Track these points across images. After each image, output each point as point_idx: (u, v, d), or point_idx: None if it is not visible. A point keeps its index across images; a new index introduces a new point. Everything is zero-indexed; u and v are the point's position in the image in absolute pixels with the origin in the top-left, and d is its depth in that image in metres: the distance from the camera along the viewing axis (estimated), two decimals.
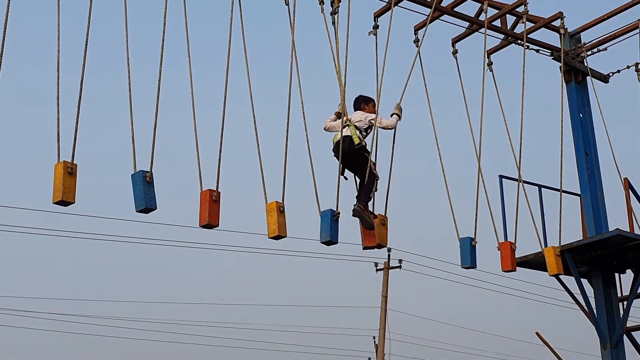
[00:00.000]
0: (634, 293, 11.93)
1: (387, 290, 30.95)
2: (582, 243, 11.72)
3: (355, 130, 9.73)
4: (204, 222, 7.82)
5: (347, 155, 9.63)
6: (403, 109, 10.15)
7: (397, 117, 10.10)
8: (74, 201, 6.82)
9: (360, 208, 9.38)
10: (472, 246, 10.03)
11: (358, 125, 9.84)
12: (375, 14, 11.27)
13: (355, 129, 9.76)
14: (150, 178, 7.29)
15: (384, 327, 30.27)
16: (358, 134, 9.72)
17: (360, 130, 9.84)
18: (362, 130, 9.87)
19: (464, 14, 12.18)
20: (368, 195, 9.60)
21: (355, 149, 9.64)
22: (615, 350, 11.67)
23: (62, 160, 6.81)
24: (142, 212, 7.33)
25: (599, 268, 12.14)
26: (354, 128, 9.76)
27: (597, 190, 12.63)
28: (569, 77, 13.04)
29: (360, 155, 9.66)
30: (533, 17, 12.80)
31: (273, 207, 8.28)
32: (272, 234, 8.27)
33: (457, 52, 12.22)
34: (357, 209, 9.35)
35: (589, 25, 13.28)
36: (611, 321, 11.86)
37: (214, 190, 7.83)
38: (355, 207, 9.37)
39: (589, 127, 12.96)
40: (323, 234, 8.76)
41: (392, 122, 10.04)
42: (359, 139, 9.69)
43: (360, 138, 9.72)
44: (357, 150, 9.65)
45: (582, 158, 12.73)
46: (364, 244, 9.55)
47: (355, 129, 9.76)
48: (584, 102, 13.11)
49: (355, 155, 9.67)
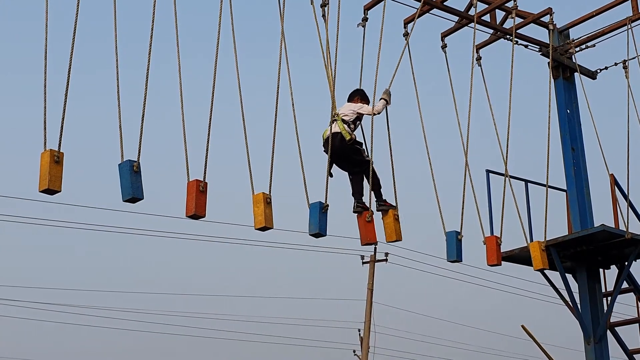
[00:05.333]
0: (618, 289, 12.00)
1: (372, 283, 31.02)
2: (567, 238, 11.77)
3: (343, 125, 9.63)
4: (191, 213, 7.75)
5: (340, 153, 9.60)
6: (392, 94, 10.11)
7: (384, 102, 10.02)
8: (61, 190, 6.77)
9: (361, 207, 9.52)
10: (458, 240, 10.04)
11: (345, 119, 9.74)
12: (366, 6, 11.24)
13: (342, 123, 9.67)
14: (137, 168, 7.27)
15: (369, 320, 30.34)
16: (347, 129, 9.64)
17: (349, 123, 9.75)
18: (350, 123, 9.79)
19: (453, 8, 12.19)
20: (378, 184, 9.70)
21: (347, 145, 9.61)
22: (599, 345, 11.74)
23: (49, 149, 6.78)
24: (129, 202, 7.29)
25: (584, 263, 12.20)
26: (341, 123, 9.66)
27: (583, 186, 12.68)
28: (557, 73, 13.07)
29: (354, 150, 9.65)
30: (522, 13, 12.83)
31: (260, 198, 8.21)
32: (259, 225, 8.21)
33: (446, 47, 12.21)
34: (358, 209, 9.56)
35: (578, 21, 13.32)
36: (595, 316, 11.93)
37: (201, 181, 7.78)
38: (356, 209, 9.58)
39: (576, 123, 13.01)
40: (312, 226, 8.73)
41: (378, 107, 9.91)
42: (349, 134, 9.62)
43: (350, 132, 9.65)
44: (348, 146, 9.61)
45: (569, 154, 12.77)
46: (363, 240, 9.45)
47: (343, 124, 9.67)
48: (572, 98, 13.15)
49: (349, 152, 9.64)
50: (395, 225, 9.57)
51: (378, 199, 9.74)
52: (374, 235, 9.39)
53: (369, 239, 9.40)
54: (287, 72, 8.89)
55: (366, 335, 30.29)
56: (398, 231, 9.58)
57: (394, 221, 9.57)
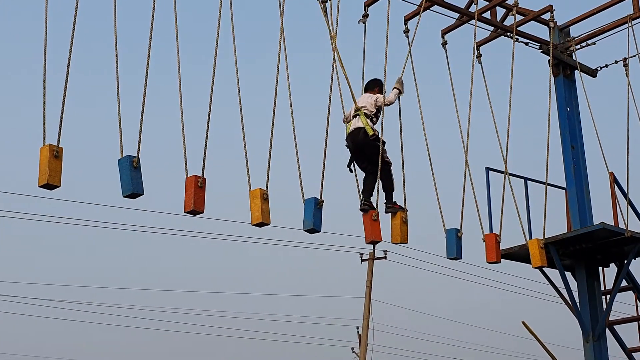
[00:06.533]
0: (617, 287, 11.99)
1: (371, 280, 31.01)
2: (566, 236, 11.76)
3: (366, 120, 9.67)
4: (189, 208, 7.73)
5: (361, 148, 9.65)
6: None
7: (397, 91, 10.05)
8: (60, 184, 6.75)
9: (368, 206, 9.42)
10: (458, 237, 10.03)
11: (367, 113, 9.77)
12: (366, 3, 11.23)
13: (365, 117, 9.69)
14: (137, 163, 7.24)
15: (367, 317, 30.34)
16: (370, 124, 9.68)
17: (371, 117, 9.78)
18: (372, 116, 9.82)
19: (454, 5, 12.17)
20: (391, 188, 9.70)
21: (369, 141, 9.61)
22: (598, 344, 11.73)
23: (48, 144, 6.76)
24: (129, 198, 7.27)
25: (583, 261, 12.19)
26: (364, 117, 9.69)
27: (583, 183, 12.67)
28: (557, 71, 13.05)
29: (373, 145, 9.59)
30: (523, 10, 12.81)
31: (257, 194, 8.16)
32: (256, 221, 8.16)
33: (446, 43, 12.19)
34: (364, 208, 9.46)
35: (579, 19, 13.30)
36: (594, 314, 11.92)
37: (200, 177, 7.76)
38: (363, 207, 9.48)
39: (576, 121, 13.00)
40: (306, 221, 8.69)
41: (391, 97, 9.94)
42: (372, 130, 9.65)
43: (373, 128, 9.68)
44: (371, 142, 9.61)
45: (569, 151, 12.76)
46: (367, 238, 9.34)
47: (366, 118, 9.70)
48: (572, 95, 13.14)
49: (368, 147, 9.64)
50: (402, 227, 9.58)
51: (388, 201, 9.76)
52: (379, 233, 9.29)
53: (374, 237, 9.30)
54: (285, 69, 8.88)
55: (364, 333, 30.29)
56: (404, 234, 9.60)
57: (401, 223, 9.57)
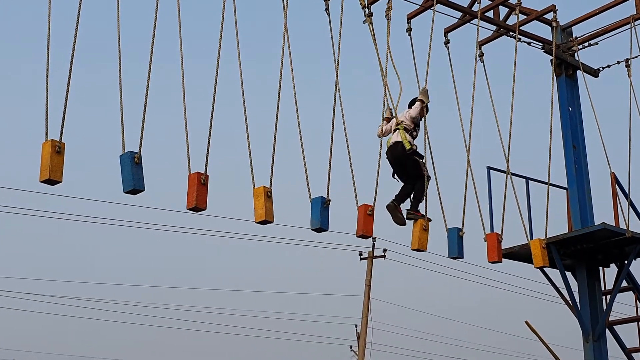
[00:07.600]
0: (618, 287, 11.99)
1: (370, 279, 31.02)
2: (567, 236, 11.77)
3: (405, 135, 9.97)
4: (192, 205, 7.71)
5: (399, 161, 9.98)
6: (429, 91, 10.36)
7: (420, 103, 10.31)
8: (61, 180, 6.73)
9: (395, 205, 9.76)
10: (459, 236, 10.02)
11: (406, 127, 10.07)
12: (369, 1, 11.20)
13: (404, 132, 9.99)
14: (138, 159, 7.23)
15: (366, 315, 30.36)
16: (409, 139, 9.97)
17: (410, 131, 10.07)
18: (411, 130, 10.11)
19: (457, 4, 12.15)
20: (420, 198, 9.89)
21: (407, 154, 9.91)
22: (598, 344, 11.74)
23: (50, 139, 6.74)
24: (130, 194, 7.26)
25: (584, 261, 12.19)
26: (403, 132, 10.00)
27: (584, 183, 12.66)
28: (560, 71, 13.04)
29: (412, 160, 9.93)
30: (526, 10, 12.78)
31: (260, 191, 8.14)
32: (259, 219, 8.13)
33: (449, 42, 12.16)
34: (391, 205, 9.77)
35: (581, 19, 13.29)
36: (594, 314, 11.92)
37: (202, 173, 7.74)
38: (390, 204, 9.81)
39: (578, 121, 12.99)
40: (313, 220, 8.68)
41: (414, 111, 10.23)
42: (410, 144, 9.95)
43: (411, 142, 9.99)
44: (409, 156, 9.92)
45: (570, 151, 12.75)
46: (358, 231, 9.16)
47: (405, 132, 9.98)
48: (574, 95, 13.13)
49: (407, 161, 9.96)
50: (422, 234, 9.68)
51: (412, 208, 9.96)
52: (370, 228, 9.18)
53: (364, 231, 9.13)
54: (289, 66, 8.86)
55: (363, 331, 30.30)
56: (422, 241, 9.69)
57: (420, 230, 9.68)
